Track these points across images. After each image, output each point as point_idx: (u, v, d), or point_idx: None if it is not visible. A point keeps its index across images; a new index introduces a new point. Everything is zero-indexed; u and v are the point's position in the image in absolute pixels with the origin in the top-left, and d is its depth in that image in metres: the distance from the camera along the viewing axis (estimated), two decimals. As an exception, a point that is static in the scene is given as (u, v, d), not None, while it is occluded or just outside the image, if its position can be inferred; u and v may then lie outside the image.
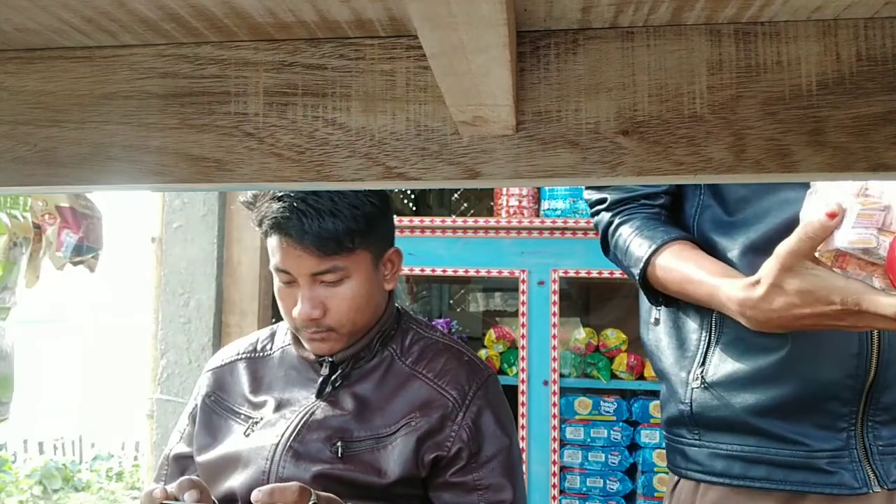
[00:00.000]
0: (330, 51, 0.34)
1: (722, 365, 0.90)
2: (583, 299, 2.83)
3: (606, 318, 2.54)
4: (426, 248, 2.28)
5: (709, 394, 0.91)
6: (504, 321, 2.53)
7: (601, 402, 2.23)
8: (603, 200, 1.01)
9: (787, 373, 0.85)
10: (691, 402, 0.93)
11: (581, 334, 2.34)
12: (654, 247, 0.92)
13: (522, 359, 2.23)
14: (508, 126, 0.32)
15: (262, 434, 0.98)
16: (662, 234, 0.93)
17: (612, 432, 2.21)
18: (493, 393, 1.00)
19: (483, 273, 2.28)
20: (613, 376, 2.31)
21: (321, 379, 1.00)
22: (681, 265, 0.89)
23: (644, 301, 1.03)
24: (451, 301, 3.16)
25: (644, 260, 0.92)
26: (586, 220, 2.27)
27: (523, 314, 2.23)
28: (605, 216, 1.01)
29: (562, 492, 2.19)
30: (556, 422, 2.20)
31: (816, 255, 0.72)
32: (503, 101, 0.30)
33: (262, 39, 0.34)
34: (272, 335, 1.13)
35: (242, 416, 1.02)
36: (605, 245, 1.02)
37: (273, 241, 0.93)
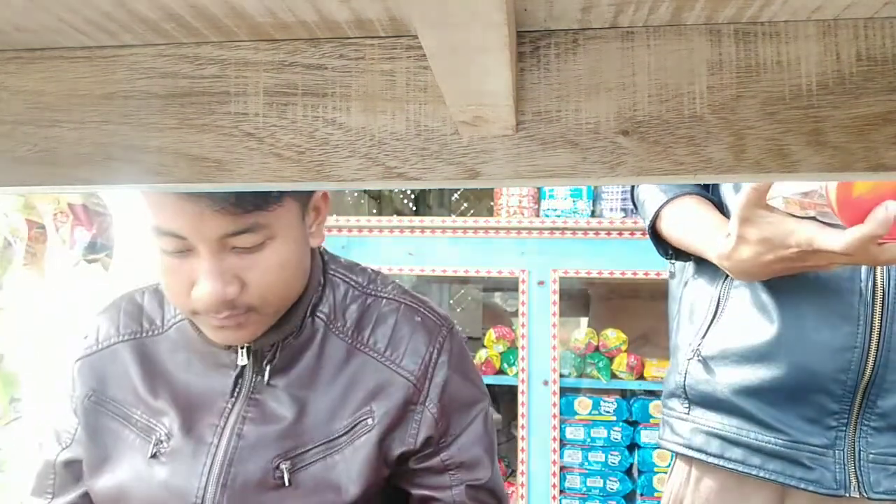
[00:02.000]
0: (330, 51, 0.34)
1: (717, 340, 0.90)
2: (583, 299, 2.82)
3: (606, 318, 2.54)
4: (426, 248, 2.28)
5: (701, 367, 0.92)
6: (504, 321, 2.53)
7: (601, 402, 2.23)
8: None
9: (775, 356, 0.84)
10: (686, 374, 0.94)
11: (581, 334, 2.34)
12: (665, 200, 0.94)
13: (522, 359, 2.23)
14: (508, 126, 0.32)
15: (178, 467, 0.74)
16: (675, 189, 0.94)
17: (612, 432, 2.21)
18: (457, 352, 0.81)
19: (483, 273, 2.28)
20: (613, 376, 2.31)
21: (236, 372, 0.76)
22: (684, 219, 0.92)
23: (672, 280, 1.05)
24: (451, 301, 3.15)
25: (654, 212, 0.95)
26: (586, 220, 2.27)
27: (523, 314, 2.23)
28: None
29: (562, 492, 2.19)
30: (556, 422, 2.20)
31: (779, 203, 0.73)
32: (503, 101, 0.30)
33: (262, 39, 0.34)
34: (160, 303, 0.84)
35: (139, 425, 0.77)
36: (634, 203, 1.05)
37: (155, 195, 0.65)
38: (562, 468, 2.20)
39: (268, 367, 0.76)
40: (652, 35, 0.32)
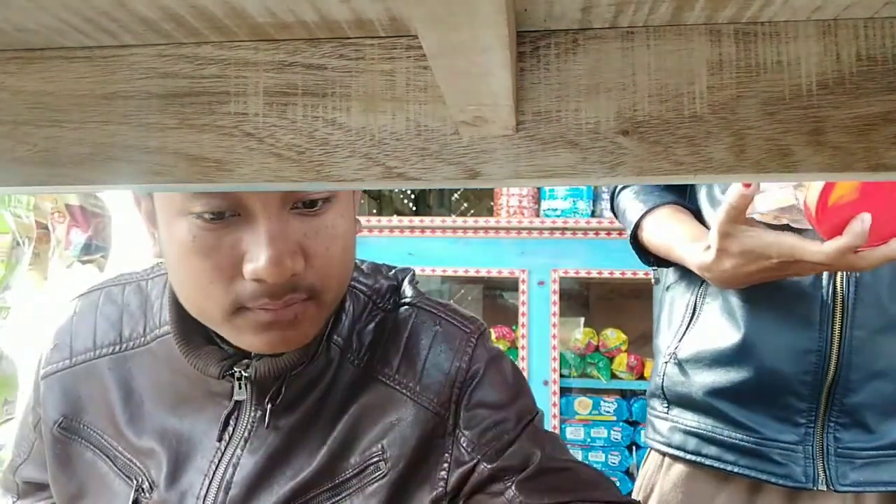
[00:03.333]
0: (330, 51, 0.34)
1: (692, 344, 0.95)
2: (583, 299, 2.83)
3: (606, 318, 2.55)
4: (426, 248, 2.28)
5: (678, 369, 0.97)
6: (504, 321, 2.53)
7: (601, 402, 2.24)
8: None
9: (743, 360, 0.89)
10: (663, 376, 0.99)
11: (581, 334, 2.34)
12: (644, 210, 0.98)
13: (522, 359, 2.23)
14: (508, 126, 0.32)
15: None
16: (655, 199, 0.99)
17: (612, 432, 2.21)
18: (491, 361, 0.66)
19: (483, 273, 2.28)
20: (613, 376, 2.32)
21: (229, 409, 0.62)
22: (665, 229, 0.96)
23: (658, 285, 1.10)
24: (451, 301, 3.15)
25: (634, 223, 0.99)
26: (586, 220, 2.27)
27: (523, 314, 2.23)
28: (616, 193, 1.07)
29: (562, 492, 2.19)
30: (556, 422, 2.20)
31: (756, 216, 0.78)
32: (503, 101, 0.30)
33: (262, 39, 0.34)
34: (142, 303, 0.70)
35: (119, 462, 0.64)
36: (613, 210, 1.09)
37: None
38: (562, 468, 2.20)
39: (269, 406, 0.61)
40: (652, 35, 0.32)
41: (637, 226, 0.99)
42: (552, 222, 2.28)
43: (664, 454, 0.98)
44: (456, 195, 3.50)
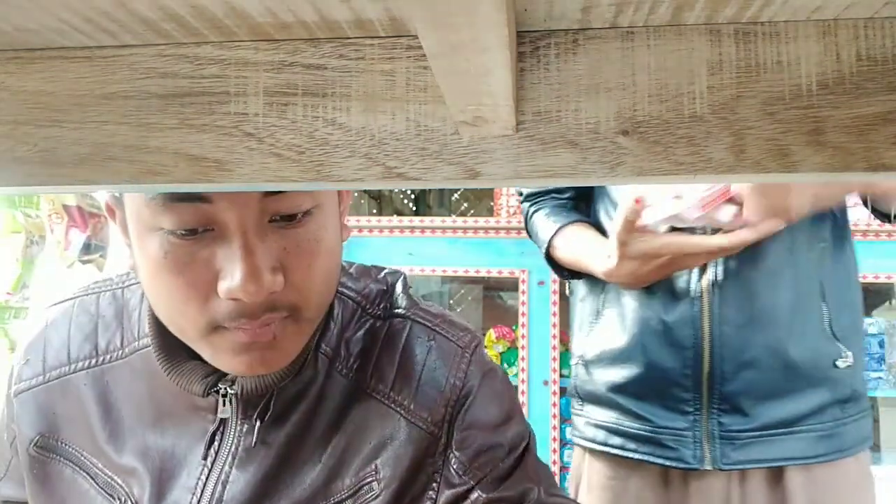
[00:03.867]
0: (330, 51, 0.34)
1: (594, 346, 1.08)
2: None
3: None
4: (426, 248, 2.28)
5: (584, 370, 1.10)
6: (504, 321, 2.53)
7: (601, 402, 2.23)
8: (521, 193, 1.22)
9: (635, 358, 1.02)
10: (575, 376, 1.13)
11: (581, 334, 2.34)
12: (554, 229, 1.10)
13: (522, 359, 2.23)
14: (508, 126, 0.32)
15: None
16: (563, 219, 1.11)
17: (612, 432, 2.21)
18: (485, 378, 0.64)
19: (483, 273, 2.28)
20: (613, 376, 2.31)
21: (214, 426, 0.60)
22: (573, 244, 1.08)
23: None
24: (451, 301, 3.15)
25: (547, 241, 1.11)
26: (586, 220, 2.27)
27: (523, 314, 2.23)
28: (525, 206, 1.19)
29: (562, 492, 2.19)
30: (556, 422, 2.20)
31: (651, 224, 0.90)
32: (503, 101, 0.30)
33: (262, 39, 0.34)
34: (118, 313, 0.66)
35: (100, 479, 0.62)
36: (528, 231, 1.21)
37: None
38: (562, 468, 2.20)
39: (258, 423, 0.59)
40: (652, 35, 0.32)
41: (549, 244, 1.11)
42: (552, 222, 2.28)
43: (583, 448, 1.10)
44: (456, 195, 3.50)
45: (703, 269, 0.98)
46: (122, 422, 0.63)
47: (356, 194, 3.45)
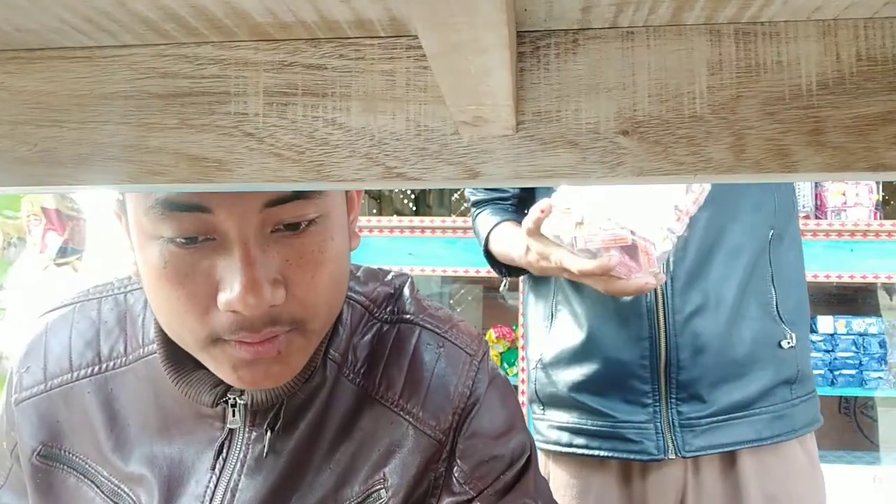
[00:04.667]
0: (330, 51, 0.34)
1: (552, 348, 1.09)
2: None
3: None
4: (426, 248, 2.28)
5: (543, 373, 1.10)
6: (504, 321, 2.53)
7: (601, 402, 2.23)
8: (468, 200, 1.25)
9: (592, 354, 1.03)
10: (535, 381, 1.13)
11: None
12: (491, 225, 1.14)
13: (522, 359, 2.23)
14: (508, 126, 0.32)
15: None
16: (498, 218, 1.15)
17: (612, 432, 2.21)
18: (492, 387, 0.65)
19: (483, 273, 2.28)
20: (613, 376, 2.31)
21: (223, 435, 0.59)
22: (504, 238, 1.11)
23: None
24: (451, 301, 3.15)
25: (484, 238, 1.15)
26: (586, 220, 2.27)
27: (523, 314, 2.23)
28: (473, 211, 1.23)
29: (562, 492, 2.19)
30: (556, 422, 2.20)
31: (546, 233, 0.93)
32: (503, 101, 0.30)
33: (262, 39, 0.34)
34: (120, 318, 0.65)
35: (106, 488, 0.61)
36: (474, 232, 1.23)
37: None
38: (562, 468, 2.20)
39: (268, 434, 0.59)
40: (652, 35, 0.32)
41: (486, 240, 1.14)
42: (552, 222, 2.28)
43: (548, 451, 1.11)
44: (456, 195, 3.50)
45: None
46: (128, 430, 0.62)
47: (356, 194, 3.44)
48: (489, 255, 1.17)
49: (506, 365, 2.33)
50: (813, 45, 0.31)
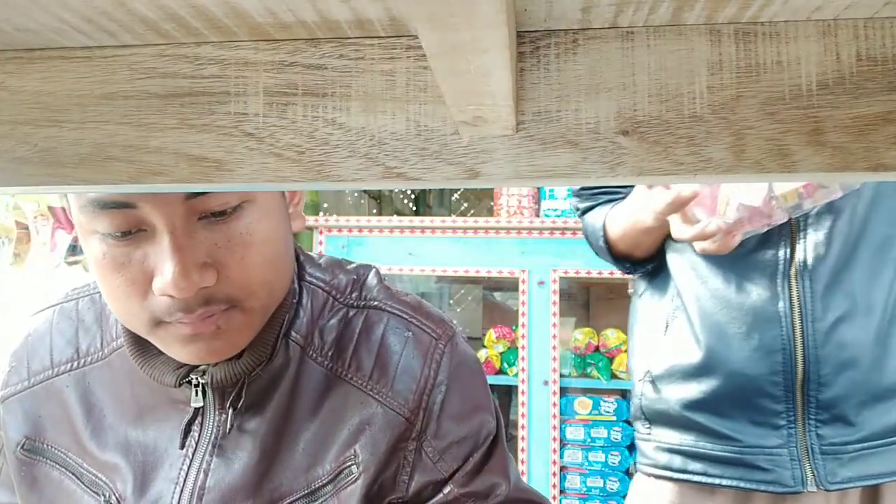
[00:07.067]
0: (330, 51, 0.34)
1: (663, 360, 0.96)
2: (583, 299, 2.83)
3: (606, 319, 2.54)
4: (426, 248, 2.28)
5: (652, 387, 0.97)
6: (504, 321, 2.53)
7: (601, 402, 2.23)
8: (577, 209, 1.15)
9: (711, 368, 0.89)
10: (641, 396, 0.99)
11: (581, 334, 2.34)
12: (602, 217, 1.03)
13: (522, 359, 2.23)
14: (508, 126, 0.32)
15: None
16: (608, 208, 1.04)
17: (612, 432, 2.21)
18: (459, 369, 0.66)
19: (483, 273, 2.28)
20: (613, 376, 2.31)
21: (189, 416, 0.62)
22: (621, 214, 1.00)
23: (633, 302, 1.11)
24: (451, 301, 3.15)
25: (601, 227, 1.03)
26: (586, 220, 2.27)
27: (523, 314, 2.23)
28: (582, 219, 1.12)
29: (562, 492, 2.19)
30: (556, 422, 2.20)
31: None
32: (503, 101, 0.30)
33: (262, 39, 0.34)
34: (97, 316, 0.69)
35: (86, 479, 0.64)
36: (586, 238, 1.13)
37: None
38: (562, 468, 2.20)
39: (231, 411, 0.61)
40: (652, 35, 0.32)
41: (604, 229, 1.03)
42: (552, 222, 2.28)
43: (652, 475, 0.98)
44: (456, 195, 3.50)
45: (790, 256, 0.87)
46: (104, 420, 0.65)
47: (356, 194, 3.44)
48: (609, 248, 1.04)
49: (505, 365, 2.33)
50: (813, 45, 0.31)
